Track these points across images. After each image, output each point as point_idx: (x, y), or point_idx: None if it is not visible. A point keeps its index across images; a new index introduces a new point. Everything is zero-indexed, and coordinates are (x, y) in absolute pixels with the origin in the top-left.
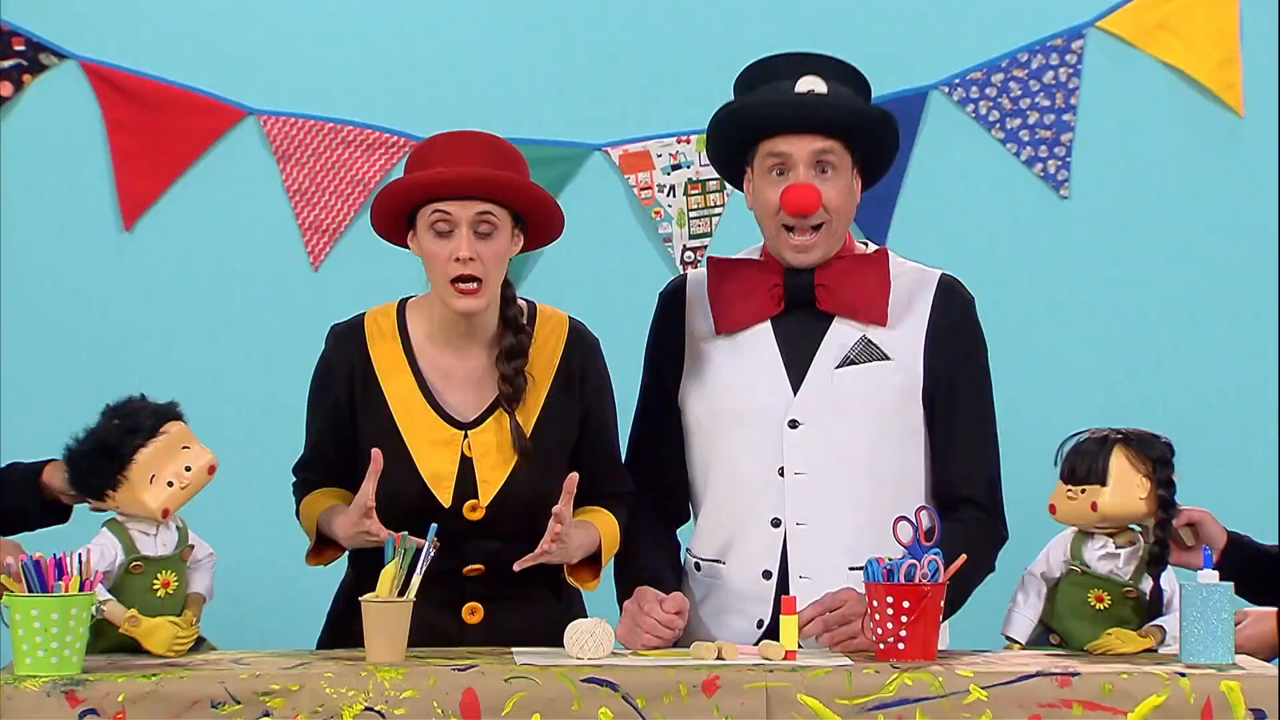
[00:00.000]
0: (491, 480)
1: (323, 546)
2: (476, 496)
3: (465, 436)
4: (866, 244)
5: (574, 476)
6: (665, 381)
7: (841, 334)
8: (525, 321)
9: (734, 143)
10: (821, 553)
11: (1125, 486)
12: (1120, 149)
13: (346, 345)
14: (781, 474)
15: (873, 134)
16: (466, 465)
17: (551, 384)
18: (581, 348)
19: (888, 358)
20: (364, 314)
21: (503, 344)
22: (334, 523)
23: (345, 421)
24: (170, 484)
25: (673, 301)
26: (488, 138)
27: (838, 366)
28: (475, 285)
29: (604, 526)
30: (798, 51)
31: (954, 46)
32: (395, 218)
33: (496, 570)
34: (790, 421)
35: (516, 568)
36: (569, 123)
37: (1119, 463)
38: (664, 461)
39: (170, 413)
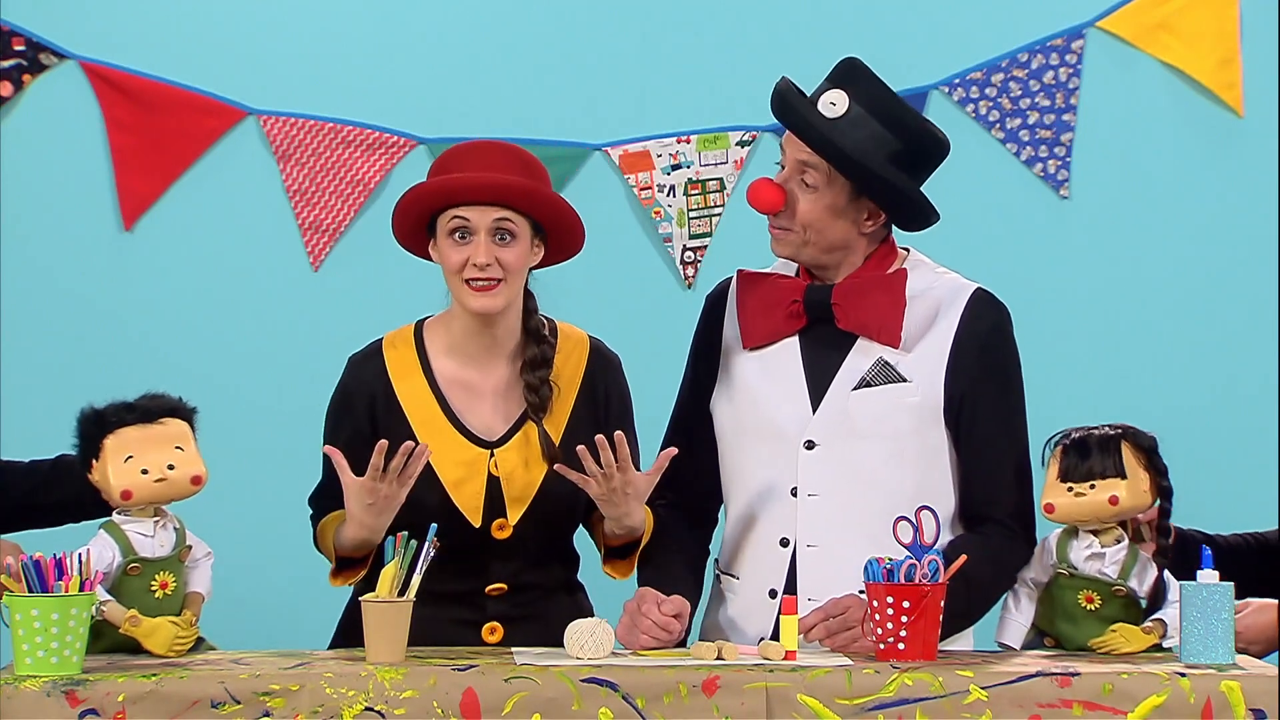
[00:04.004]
0: (520, 499)
1: (343, 567)
2: (504, 515)
3: (491, 455)
4: (908, 250)
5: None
6: (700, 387)
7: (861, 354)
8: (547, 334)
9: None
10: (832, 575)
11: (1137, 481)
12: (1120, 149)
13: (365, 372)
14: (795, 494)
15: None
16: (494, 484)
17: (576, 397)
18: (604, 365)
19: (904, 379)
20: (381, 339)
21: (526, 355)
22: (349, 508)
23: (367, 451)
24: (145, 472)
25: (714, 307)
26: (510, 147)
27: (854, 388)
28: (493, 284)
29: (646, 517)
30: (842, 64)
31: (954, 46)
32: (415, 224)
33: (518, 590)
34: (807, 442)
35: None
36: (569, 123)
37: (1129, 457)
38: (695, 467)
39: (179, 409)
